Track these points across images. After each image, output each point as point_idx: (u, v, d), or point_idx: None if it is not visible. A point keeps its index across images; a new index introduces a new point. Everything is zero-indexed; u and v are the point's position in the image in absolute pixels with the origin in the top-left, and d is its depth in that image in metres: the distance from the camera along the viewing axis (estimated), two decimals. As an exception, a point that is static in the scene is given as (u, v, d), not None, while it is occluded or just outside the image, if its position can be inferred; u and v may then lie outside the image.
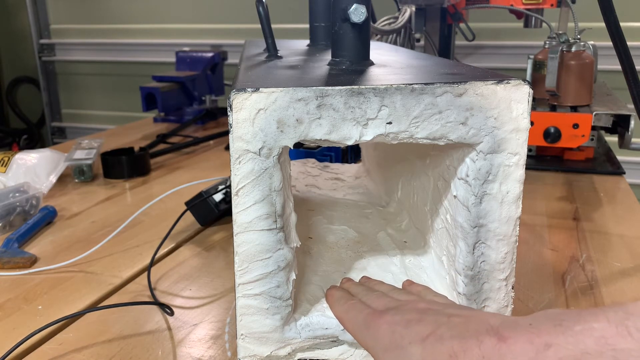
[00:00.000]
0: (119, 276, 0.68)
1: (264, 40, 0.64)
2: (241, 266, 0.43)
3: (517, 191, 0.44)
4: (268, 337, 0.46)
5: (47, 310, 0.60)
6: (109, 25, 2.41)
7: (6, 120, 2.83)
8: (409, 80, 0.42)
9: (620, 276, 0.67)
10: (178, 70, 1.70)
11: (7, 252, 0.72)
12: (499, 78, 0.42)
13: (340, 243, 0.61)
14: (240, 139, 0.40)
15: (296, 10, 1.97)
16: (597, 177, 1.04)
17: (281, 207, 0.43)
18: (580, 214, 0.87)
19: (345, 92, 0.40)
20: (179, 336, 0.55)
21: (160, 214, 0.88)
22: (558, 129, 1.02)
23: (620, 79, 0.65)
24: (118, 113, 2.52)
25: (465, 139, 0.42)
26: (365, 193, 0.78)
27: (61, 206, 0.93)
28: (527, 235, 0.78)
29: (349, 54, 0.52)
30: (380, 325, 0.38)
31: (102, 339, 0.55)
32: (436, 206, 0.52)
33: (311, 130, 0.41)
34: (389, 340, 0.36)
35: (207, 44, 2.16)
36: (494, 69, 0.53)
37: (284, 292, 0.45)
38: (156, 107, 1.56)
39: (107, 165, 1.08)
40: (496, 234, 0.45)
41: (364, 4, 0.49)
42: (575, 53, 1.06)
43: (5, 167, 0.99)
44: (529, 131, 0.43)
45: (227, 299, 0.62)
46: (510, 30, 1.79)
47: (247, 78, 0.46)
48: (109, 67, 2.46)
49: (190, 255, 0.74)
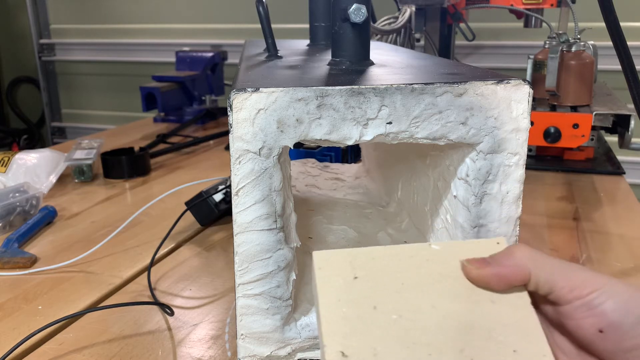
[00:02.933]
0: (119, 276, 0.68)
1: (264, 40, 0.64)
2: (241, 266, 0.43)
3: (517, 191, 0.44)
4: (268, 337, 0.46)
5: (47, 310, 0.60)
6: (109, 25, 2.41)
7: (6, 120, 2.83)
8: (409, 80, 0.42)
9: (620, 276, 0.67)
10: (178, 70, 1.70)
11: (7, 252, 0.72)
12: (499, 78, 0.42)
13: (340, 243, 0.61)
14: (240, 139, 0.40)
15: (296, 10, 1.97)
16: (597, 177, 1.04)
17: (281, 207, 0.43)
18: (580, 214, 0.87)
19: (345, 92, 0.40)
20: (179, 336, 0.55)
21: (160, 214, 0.88)
22: (558, 129, 1.02)
23: (620, 79, 0.65)
24: (118, 113, 2.52)
25: (465, 139, 0.42)
26: (365, 193, 0.78)
27: (61, 206, 0.93)
28: (527, 235, 0.78)
29: (349, 54, 0.52)
30: None
31: (102, 339, 0.55)
32: (436, 206, 0.52)
33: (311, 130, 0.41)
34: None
35: (207, 44, 2.16)
36: (494, 69, 0.53)
37: (284, 292, 0.45)
38: (156, 107, 1.56)
39: (107, 165, 1.08)
40: (496, 234, 0.45)
41: (364, 4, 0.49)
42: (575, 53, 1.06)
43: (5, 167, 0.99)
44: (529, 131, 0.43)
45: (227, 299, 0.62)
46: (510, 30, 1.79)
47: (247, 78, 0.46)
48: (109, 67, 2.46)
49: (190, 255, 0.74)
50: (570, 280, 0.33)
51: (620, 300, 0.32)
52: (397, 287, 0.35)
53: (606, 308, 0.32)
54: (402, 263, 0.36)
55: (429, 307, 0.34)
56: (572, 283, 0.33)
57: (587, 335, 0.33)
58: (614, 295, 0.32)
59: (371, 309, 0.33)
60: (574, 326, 0.34)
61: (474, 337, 0.33)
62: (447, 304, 0.34)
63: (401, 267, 0.36)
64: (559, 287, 0.33)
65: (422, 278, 0.35)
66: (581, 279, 0.33)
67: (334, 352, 0.31)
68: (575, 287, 0.33)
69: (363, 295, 0.34)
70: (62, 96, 2.64)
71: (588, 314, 0.33)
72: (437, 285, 0.35)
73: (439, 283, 0.35)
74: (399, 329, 0.32)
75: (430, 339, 0.32)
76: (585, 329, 0.33)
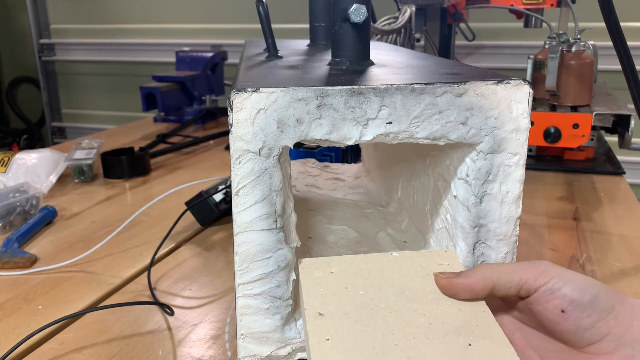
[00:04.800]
0: (119, 276, 0.68)
1: (264, 40, 0.64)
2: (241, 266, 0.43)
3: (517, 191, 0.44)
4: (268, 337, 0.46)
5: (47, 310, 0.60)
6: (109, 25, 2.41)
7: (6, 120, 2.83)
8: (409, 80, 0.42)
9: (620, 276, 0.67)
10: (178, 70, 1.70)
11: (7, 252, 0.72)
12: (499, 78, 0.42)
13: (340, 243, 0.61)
14: (241, 139, 0.40)
15: (296, 10, 1.97)
16: (597, 177, 1.04)
17: (281, 207, 0.43)
18: (580, 213, 0.87)
19: (345, 92, 0.40)
20: (179, 336, 0.55)
21: (160, 214, 0.88)
22: (558, 129, 1.02)
23: (620, 79, 0.65)
24: (118, 113, 2.52)
25: (466, 138, 0.42)
26: (365, 193, 0.78)
27: (61, 206, 0.93)
28: (527, 235, 0.78)
29: (349, 54, 0.52)
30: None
31: (102, 339, 0.55)
32: (436, 206, 0.52)
33: (311, 130, 0.41)
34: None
35: (207, 44, 2.16)
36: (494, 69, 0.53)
37: (284, 292, 0.45)
38: (156, 107, 1.56)
39: (107, 165, 1.08)
40: (496, 234, 0.45)
41: (364, 4, 0.49)
42: (575, 53, 1.06)
43: (5, 167, 0.99)
44: (529, 131, 0.43)
45: (227, 299, 0.62)
46: (510, 30, 1.79)
47: (247, 78, 0.46)
48: (109, 67, 2.46)
49: (190, 255, 0.74)
50: (532, 272, 0.39)
51: (577, 283, 0.38)
52: (364, 276, 0.43)
53: (566, 290, 0.38)
54: (369, 264, 0.45)
55: (389, 286, 0.42)
56: (534, 274, 0.39)
57: (551, 316, 0.38)
58: (571, 280, 0.38)
59: (343, 288, 0.42)
60: (541, 310, 0.39)
61: (426, 307, 0.40)
62: (406, 283, 0.42)
63: (368, 266, 0.44)
64: (524, 280, 0.39)
65: (385, 272, 0.44)
66: (541, 269, 0.39)
67: (312, 313, 0.39)
68: (538, 276, 0.39)
69: (337, 281, 0.43)
70: (62, 96, 2.64)
71: (551, 297, 0.38)
72: (397, 275, 0.43)
73: (398, 274, 0.44)
74: (365, 299, 0.41)
75: (390, 304, 0.40)
76: (550, 310, 0.38)
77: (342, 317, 0.39)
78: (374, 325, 0.38)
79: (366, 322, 0.38)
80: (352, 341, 0.37)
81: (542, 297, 0.38)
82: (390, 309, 0.40)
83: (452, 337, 0.37)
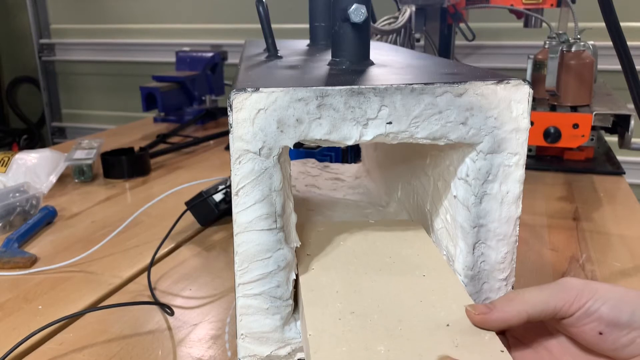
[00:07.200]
0: (119, 276, 0.68)
1: (264, 40, 0.64)
2: (241, 266, 0.43)
3: (517, 191, 0.44)
4: (268, 337, 0.46)
5: (47, 310, 0.60)
6: (109, 25, 2.41)
7: (6, 120, 2.83)
8: (409, 80, 0.42)
9: (620, 276, 0.67)
10: (178, 70, 1.70)
11: (7, 252, 0.72)
12: (499, 78, 0.42)
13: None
14: (240, 139, 0.40)
15: (296, 10, 1.97)
16: (597, 177, 1.04)
17: (281, 207, 0.43)
18: (580, 214, 0.87)
19: (345, 92, 0.40)
20: (179, 336, 0.55)
21: (160, 214, 0.88)
22: (558, 129, 1.02)
23: (620, 79, 0.65)
24: (118, 113, 2.52)
25: (465, 139, 0.42)
26: (365, 193, 0.78)
27: (61, 206, 0.93)
28: (527, 235, 0.78)
29: (349, 54, 0.52)
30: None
31: (102, 339, 0.55)
32: (436, 206, 0.52)
33: (311, 130, 0.41)
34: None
35: (207, 44, 2.16)
36: (494, 69, 0.53)
37: (284, 292, 0.45)
38: (156, 107, 1.56)
39: (107, 165, 1.08)
40: (496, 234, 0.45)
41: (364, 4, 0.49)
42: (575, 53, 1.06)
43: (5, 167, 0.99)
44: (529, 131, 0.43)
45: (227, 299, 0.63)
46: (510, 30, 1.79)
47: (247, 78, 0.46)
48: (109, 67, 2.46)
49: (190, 255, 0.74)
50: (566, 298, 0.38)
51: (612, 302, 0.37)
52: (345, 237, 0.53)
53: (602, 312, 0.37)
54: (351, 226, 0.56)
55: (370, 243, 0.51)
56: (568, 300, 0.38)
57: (589, 339, 0.38)
58: (606, 300, 0.37)
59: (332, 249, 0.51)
60: (578, 333, 0.38)
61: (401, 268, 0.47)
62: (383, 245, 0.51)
63: (349, 225, 0.56)
64: (559, 307, 0.38)
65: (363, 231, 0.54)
66: (574, 293, 0.38)
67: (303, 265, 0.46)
68: (573, 301, 0.38)
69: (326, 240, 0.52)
70: (62, 96, 2.64)
71: (587, 320, 0.37)
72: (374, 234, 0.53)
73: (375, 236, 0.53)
74: (347, 254, 0.49)
75: (368, 257, 0.48)
76: (587, 333, 0.38)
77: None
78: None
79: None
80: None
81: (579, 321, 0.38)
82: (368, 256, 0.49)
83: (411, 270, 0.46)
